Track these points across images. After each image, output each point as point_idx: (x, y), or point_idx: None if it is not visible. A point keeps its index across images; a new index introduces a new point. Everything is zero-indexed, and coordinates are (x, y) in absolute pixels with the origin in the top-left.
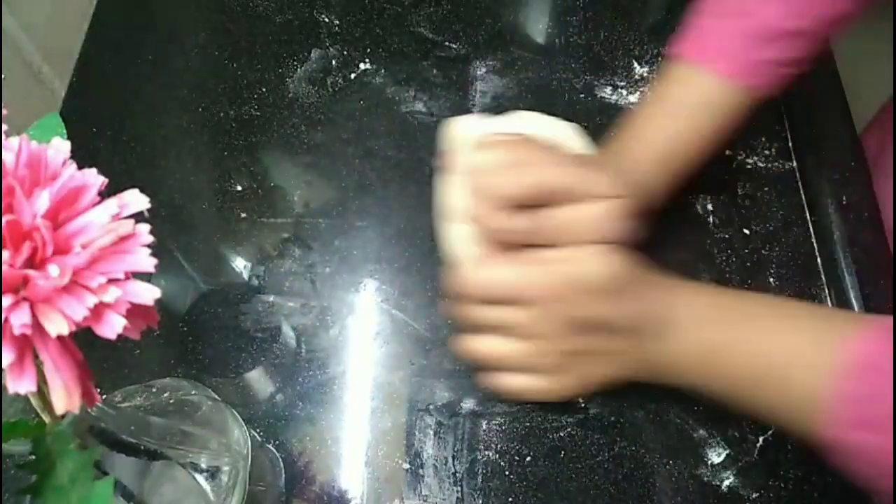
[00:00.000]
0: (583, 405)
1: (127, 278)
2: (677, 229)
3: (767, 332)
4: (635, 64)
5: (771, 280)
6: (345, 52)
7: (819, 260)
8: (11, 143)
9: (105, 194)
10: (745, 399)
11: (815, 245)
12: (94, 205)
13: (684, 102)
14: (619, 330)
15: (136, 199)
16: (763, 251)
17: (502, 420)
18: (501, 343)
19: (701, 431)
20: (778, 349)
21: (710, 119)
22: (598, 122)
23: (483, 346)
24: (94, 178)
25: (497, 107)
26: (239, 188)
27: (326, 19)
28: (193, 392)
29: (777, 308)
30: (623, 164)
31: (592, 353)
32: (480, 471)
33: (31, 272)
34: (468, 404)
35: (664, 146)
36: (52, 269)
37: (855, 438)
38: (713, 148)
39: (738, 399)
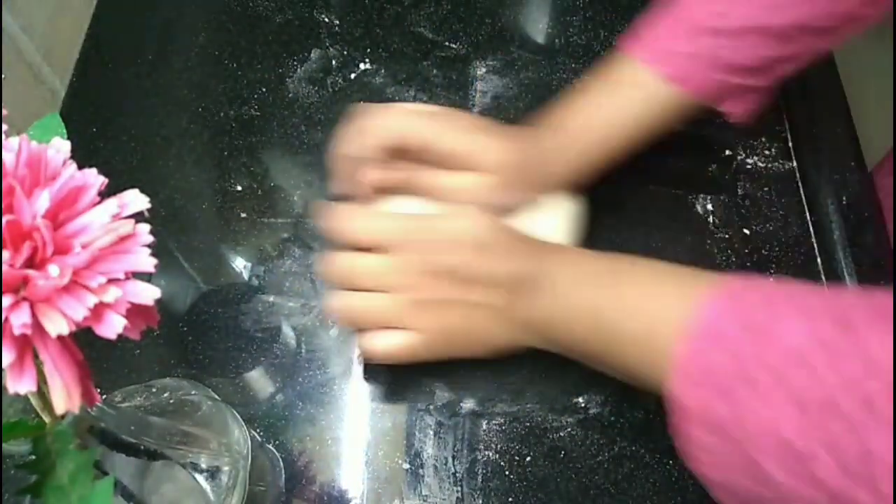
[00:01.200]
0: (583, 405)
1: (127, 278)
2: (677, 229)
3: (636, 296)
4: None
5: (771, 280)
6: (345, 52)
7: (819, 260)
8: (11, 143)
9: (105, 194)
10: (614, 362)
11: (815, 245)
12: (94, 205)
13: (625, 96)
14: (485, 283)
15: (136, 199)
16: (763, 251)
17: (502, 420)
18: (363, 298)
19: None
20: (643, 314)
21: (651, 115)
22: None
23: (345, 301)
24: (94, 178)
25: (497, 107)
26: (239, 188)
27: (326, 19)
28: (193, 392)
29: (647, 271)
30: (559, 138)
31: (456, 303)
32: (480, 471)
33: (31, 272)
34: (468, 404)
35: (601, 129)
36: (52, 269)
37: (692, 396)
38: (650, 139)
39: (607, 363)
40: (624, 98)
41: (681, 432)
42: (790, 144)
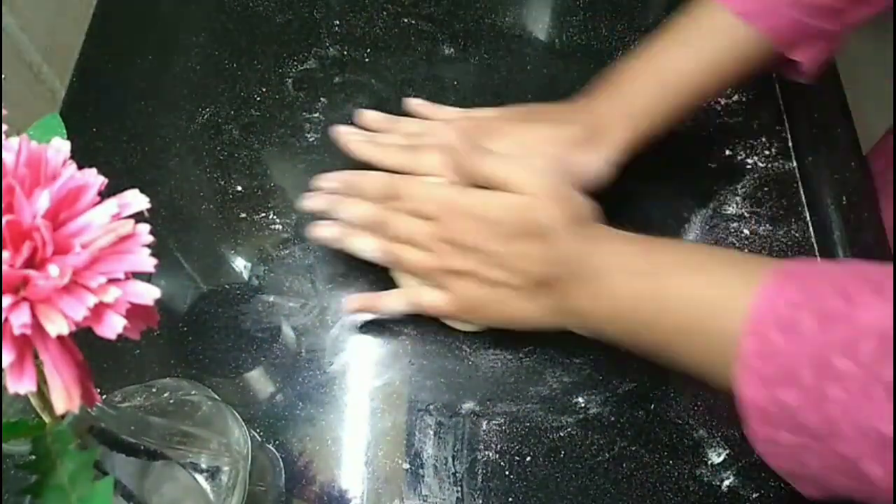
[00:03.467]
0: (583, 405)
1: (127, 278)
2: (677, 229)
3: (689, 285)
4: None
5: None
6: (345, 52)
7: (819, 260)
8: (11, 143)
9: (105, 194)
10: (670, 353)
11: (815, 245)
12: (94, 205)
13: (700, 37)
14: (513, 269)
15: (136, 199)
16: (763, 251)
17: (502, 420)
18: (403, 249)
19: (701, 431)
20: (698, 302)
21: (724, 57)
22: None
23: (389, 248)
24: (94, 178)
25: (498, 107)
26: (239, 188)
27: (326, 19)
28: (193, 392)
29: (698, 257)
30: (627, 89)
31: (482, 278)
32: (480, 471)
33: (31, 272)
34: (468, 404)
35: (674, 76)
36: (52, 269)
37: (763, 395)
38: (720, 87)
39: (662, 353)
40: (697, 42)
41: (751, 430)
42: (790, 144)
